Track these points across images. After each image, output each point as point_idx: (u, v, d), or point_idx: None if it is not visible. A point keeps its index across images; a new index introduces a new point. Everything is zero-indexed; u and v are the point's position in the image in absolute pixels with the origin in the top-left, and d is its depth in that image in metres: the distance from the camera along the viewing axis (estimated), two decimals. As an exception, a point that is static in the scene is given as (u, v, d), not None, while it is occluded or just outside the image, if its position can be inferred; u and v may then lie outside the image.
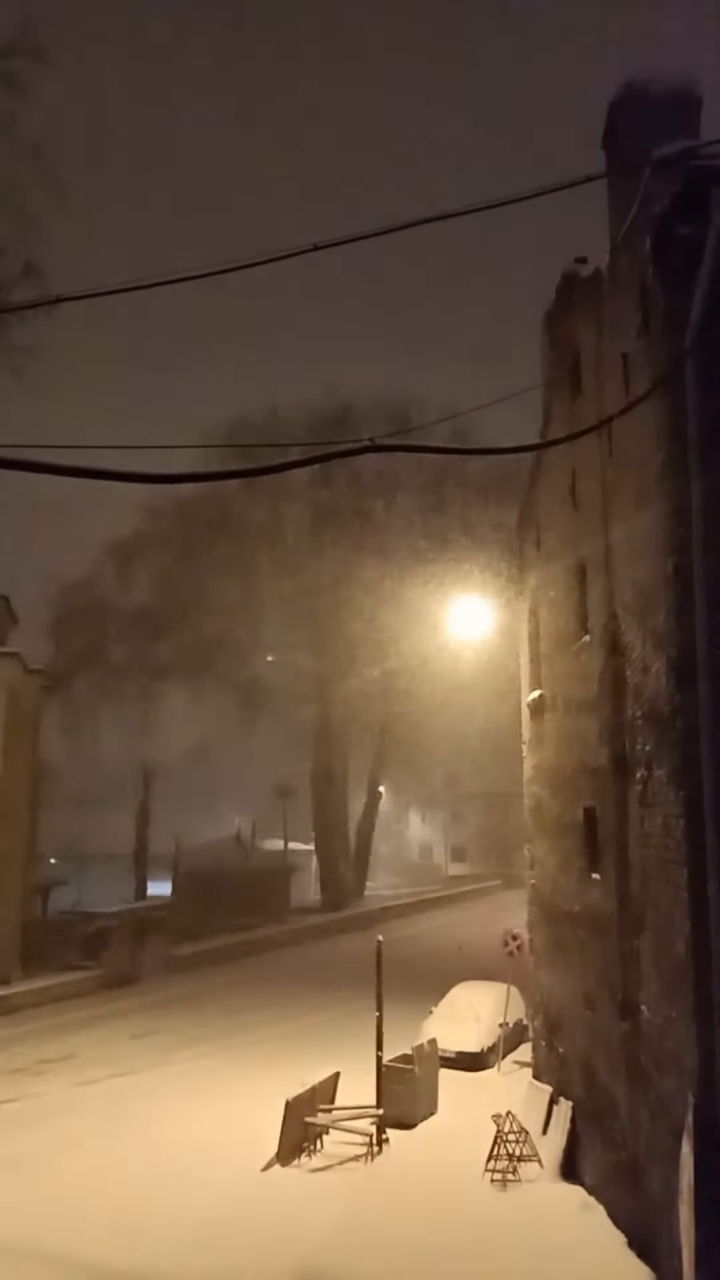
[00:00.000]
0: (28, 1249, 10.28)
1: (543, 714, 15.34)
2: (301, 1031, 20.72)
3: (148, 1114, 15.14)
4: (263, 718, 45.22)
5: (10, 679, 26.26)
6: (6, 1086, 16.89)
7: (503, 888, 52.83)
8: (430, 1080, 15.10)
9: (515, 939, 17.46)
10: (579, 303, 12.97)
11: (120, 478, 5.94)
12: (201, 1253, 10.18)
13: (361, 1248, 10.25)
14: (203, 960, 30.30)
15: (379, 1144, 13.26)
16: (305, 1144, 13.25)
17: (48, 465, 5.47)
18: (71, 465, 5.58)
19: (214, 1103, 15.63)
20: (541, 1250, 10.17)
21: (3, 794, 25.37)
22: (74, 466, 5.59)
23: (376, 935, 15.08)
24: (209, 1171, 12.55)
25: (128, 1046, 19.88)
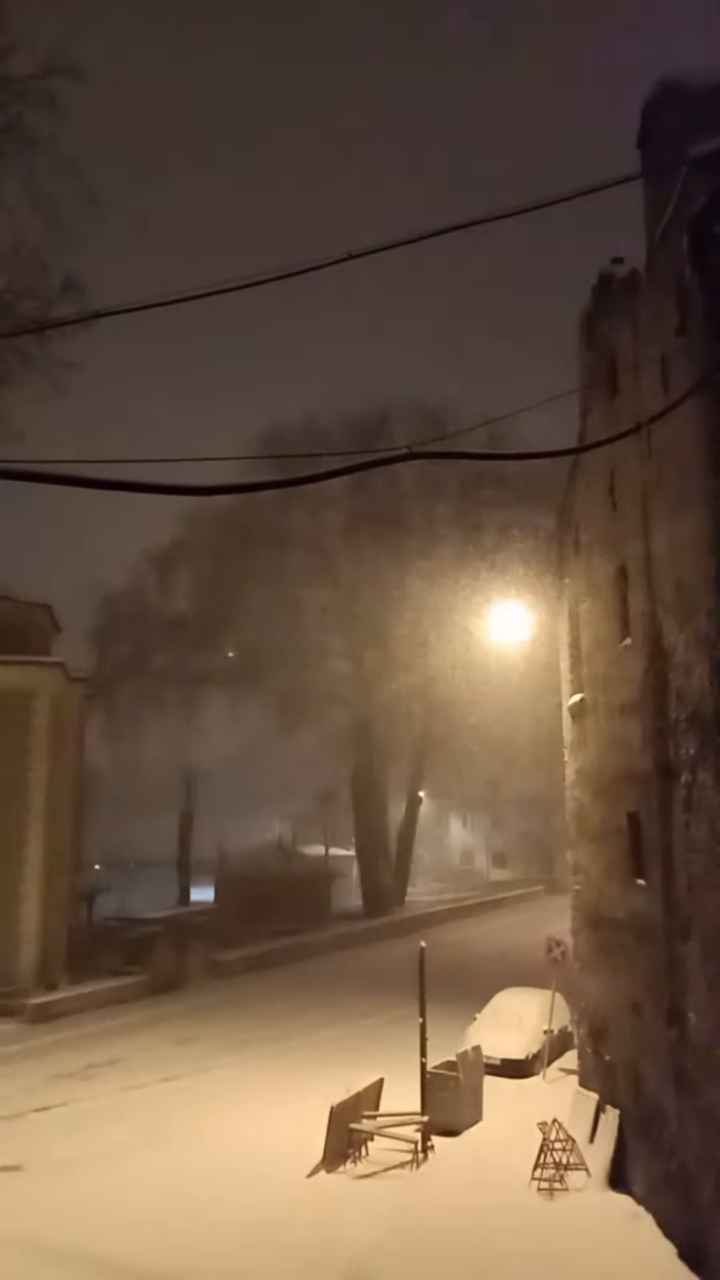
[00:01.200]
0: (77, 1252, 10.39)
1: (584, 717, 15.22)
2: (345, 1037, 20.71)
3: (194, 1119, 15.23)
4: (303, 724, 45.39)
5: (54, 687, 26.62)
6: (55, 1091, 17.10)
7: (545, 893, 52.40)
8: (475, 1087, 15.02)
9: (559, 945, 17.32)
10: (616, 304, 12.90)
11: (159, 490, 6.02)
12: (249, 1258, 10.22)
13: (408, 1255, 10.23)
14: (246, 966, 30.44)
15: (424, 1151, 13.22)
16: (350, 1150, 13.24)
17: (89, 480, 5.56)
18: (112, 479, 5.67)
19: (259, 1108, 15.69)
20: (590, 1260, 10.08)
21: (48, 801, 25.72)
22: (114, 480, 5.67)
23: (418, 941, 15.03)
24: (255, 1177, 12.59)
25: (173, 1052, 20.02)
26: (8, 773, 24.98)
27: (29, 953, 24.50)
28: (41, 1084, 17.58)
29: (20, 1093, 16.97)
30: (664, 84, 10.66)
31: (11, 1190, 12.35)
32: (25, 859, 24.87)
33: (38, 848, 25.10)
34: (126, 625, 43.72)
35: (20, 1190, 12.34)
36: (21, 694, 25.75)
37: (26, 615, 29.57)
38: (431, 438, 32.74)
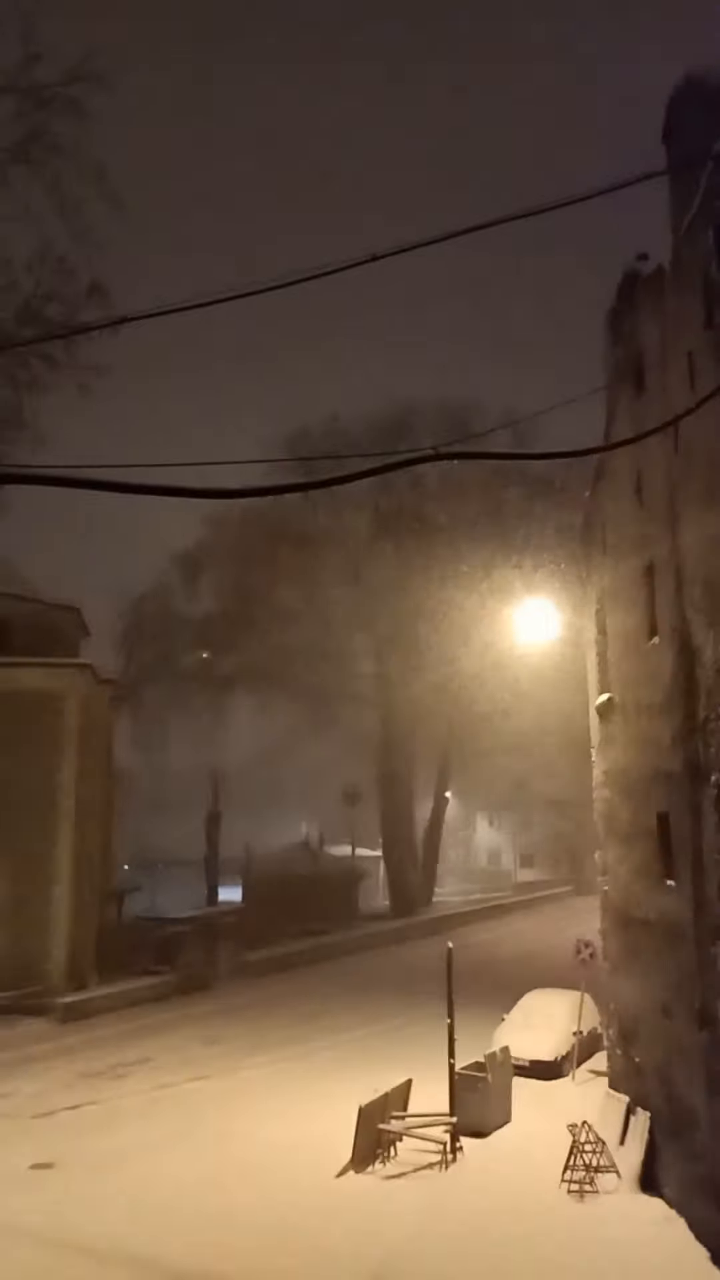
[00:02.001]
0: (109, 1249, 10.49)
1: (612, 717, 15.13)
2: (372, 1038, 20.73)
3: (223, 1118, 15.31)
4: (328, 724, 45.46)
5: (83, 689, 26.83)
6: (86, 1090, 17.25)
7: (573, 894, 52.10)
8: (503, 1088, 14.97)
9: (588, 946, 17.22)
10: (641, 300, 12.82)
11: (185, 494, 6.06)
12: (278, 1257, 10.26)
13: (438, 1256, 10.22)
14: (274, 966, 30.52)
15: (453, 1152, 13.20)
16: (379, 1150, 13.25)
17: (115, 484, 5.61)
18: (138, 483, 5.71)
19: (287, 1108, 15.74)
20: (622, 1263, 10.02)
21: (78, 802, 25.92)
22: (141, 484, 5.72)
23: (445, 942, 15.02)
24: (284, 1176, 12.64)
25: (202, 1051, 20.12)
26: (38, 774, 25.22)
27: (59, 952, 24.70)
28: (72, 1082, 17.75)
29: (52, 1091, 17.14)
30: (689, 78, 10.59)
31: (44, 1187, 12.49)
32: (55, 859, 25.09)
33: (67, 848, 25.30)
34: (153, 627, 44.01)
35: (53, 1187, 12.46)
36: (51, 696, 25.98)
37: (55, 618, 29.83)
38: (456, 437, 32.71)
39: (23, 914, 24.55)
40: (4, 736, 24.99)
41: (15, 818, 24.78)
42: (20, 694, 25.71)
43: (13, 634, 27.90)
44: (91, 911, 27.73)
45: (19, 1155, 13.55)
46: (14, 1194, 12.17)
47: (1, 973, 23.64)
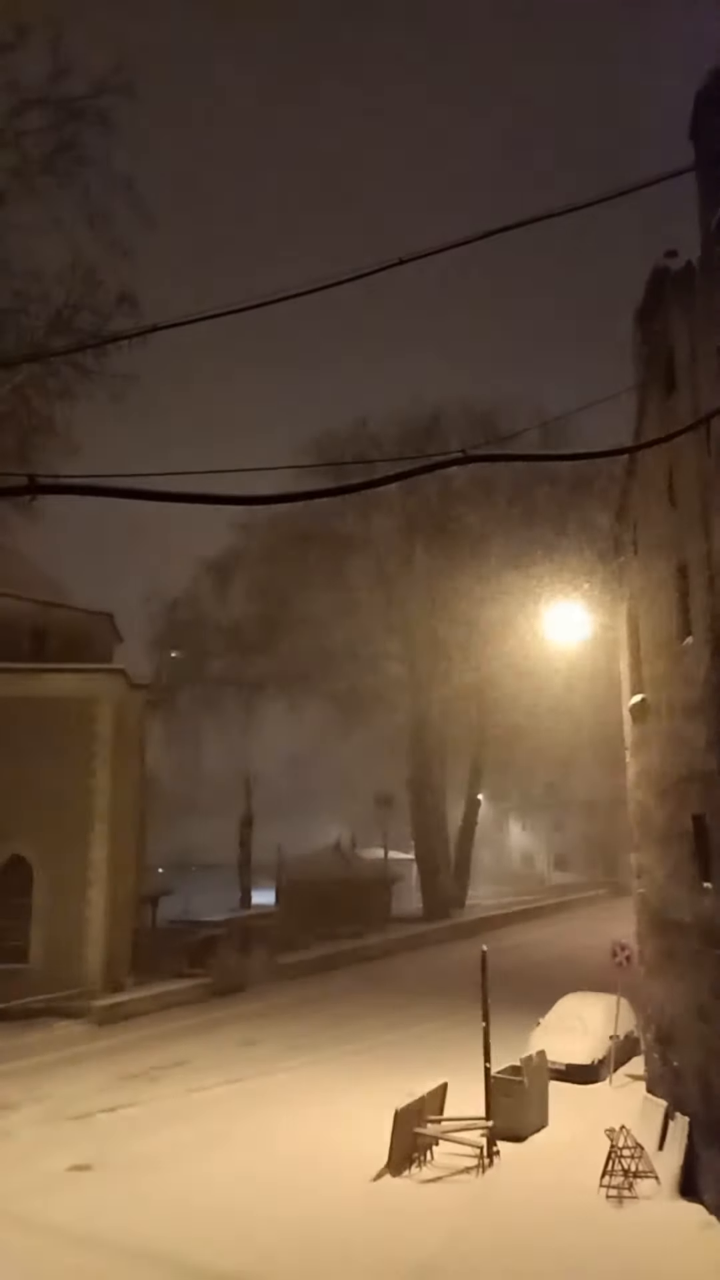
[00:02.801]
0: (146, 1251, 10.55)
1: (645, 718, 15.00)
2: (407, 1041, 20.69)
3: (258, 1121, 15.35)
4: (359, 727, 45.51)
5: (116, 694, 27.08)
6: (123, 1092, 17.38)
7: (608, 896, 51.71)
8: (540, 1092, 14.89)
9: (624, 949, 17.08)
10: (671, 297, 12.72)
11: (216, 500, 6.10)
12: (316, 1260, 10.27)
13: (477, 1261, 10.18)
14: (307, 969, 30.57)
15: (490, 1156, 13.14)
16: (415, 1154, 13.22)
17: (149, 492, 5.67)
18: (171, 491, 5.77)
19: (322, 1111, 15.75)
20: (661, 1269, 9.92)
21: (112, 806, 26.15)
22: (173, 492, 5.77)
23: (479, 945, 14.95)
24: (320, 1180, 12.65)
25: (237, 1054, 20.19)
26: (72, 779, 25.48)
27: (95, 955, 24.92)
28: (109, 1084, 17.89)
29: (89, 1093, 17.28)
30: (716, 75, 10.49)
31: (82, 1189, 12.60)
32: (90, 863, 25.32)
33: (102, 852, 25.53)
34: (185, 632, 44.36)
35: (91, 1189, 12.57)
36: (85, 701, 26.24)
37: (88, 624, 30.12)
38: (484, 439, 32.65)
39: (59, 917, 24.80)
40: (39, 742, 25.28)
41: (51, 822, 25.06)
42: (55, 700, 25.99)
43: (47, 641, 28.24)
44: (126, 915, 27.95)
45: (57, 1157, 13.69)
46: (52, 1195, 12.29)
47: (38, 976, 23.90)
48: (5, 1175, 13.09)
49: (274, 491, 7.73)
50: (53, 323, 23.61)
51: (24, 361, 21.65)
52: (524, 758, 48.28)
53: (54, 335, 23.33)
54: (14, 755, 24.92)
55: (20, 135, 23.02)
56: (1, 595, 27.44)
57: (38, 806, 24.94)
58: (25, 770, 24.93)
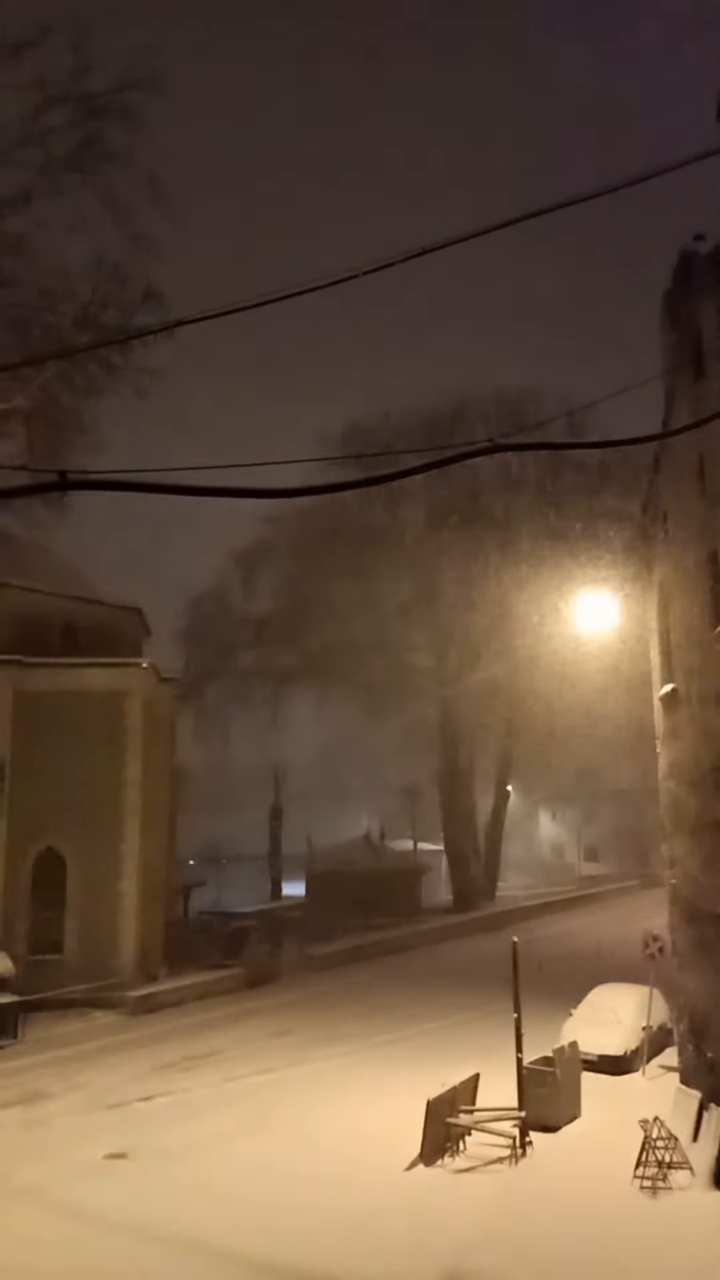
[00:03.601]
0: (181, 1238, 10.67)
1: (676, 708, 14.87)
2: (438, 1032, 20.73)
3: (291, 1111, 15.46)
4: (387, 719, 45.50)
5: (146, 688, 27.29)
6: (158, 1081, 17.56)
7: (640, 888, 51.37)
8: (572, 1083, 14.85)
9: (656, 940, 16.98)
10: (699, 282, 12.56)
11: (243, 494, 6.12)
12: (350, 1249, 10.33)
13: (510, 1251, 10.19)
14: (338, 960, 30.70)
15: (523, 1146, 13.14)
16: (448, 1144, 13.26)
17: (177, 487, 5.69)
18: (198, 485, 5.79)
19: (355, 1101, 15.83)
20: (695, 1260, 9.88)
21: (143, 799, 26.38)
22: (201, 486, 5.79)
23: (510, 936, 14.94)
24: (354, 1169, 12.72)
25: (269, 1044, 20.34)
26: (104, 772, 25.73)
27: (128, 946, 25.19)
28: (144, 1074, 18.09)
29: (125, 1082, 17.49)
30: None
31: (120, 1177, 12.76)
32: (123, 855, 25.58)
33: (134, 844, 25.77)
34: (213, 625, 44.56)
35: (128, 1177, 12.73)
36: (115, 695, 26.48)
37: (118, 619, 30.41)
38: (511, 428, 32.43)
39: (92, 909, 25.09)
40: (71, 736, 25.55)
41: (83, 815, 25.34)
42: (86, 694, 26.25)
43: (78, 636, 28.53)
44: (159, 906, 28.22)
45: (94, 1145, 13.87)
46: (89, 1183, 12.47)
47: (73, 967, 24.21)
48: (43, 1162, 13.30)
49: (300, 484, 7.73)
50: (79, 319, 23.75)
51: (52, 359, 21.80)
52: (553, 748, 48.05)
53: (80, 332, 23.48)
54: (46, 749, 25.21)
55: (45, 133, 23.14)
56: (32, 591, 27.74)
57: (70, 800, 25.23)
58: (57, 764, 25.22)
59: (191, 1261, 10.22)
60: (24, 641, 26.36)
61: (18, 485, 8.35)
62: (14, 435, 23.40)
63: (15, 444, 23.43)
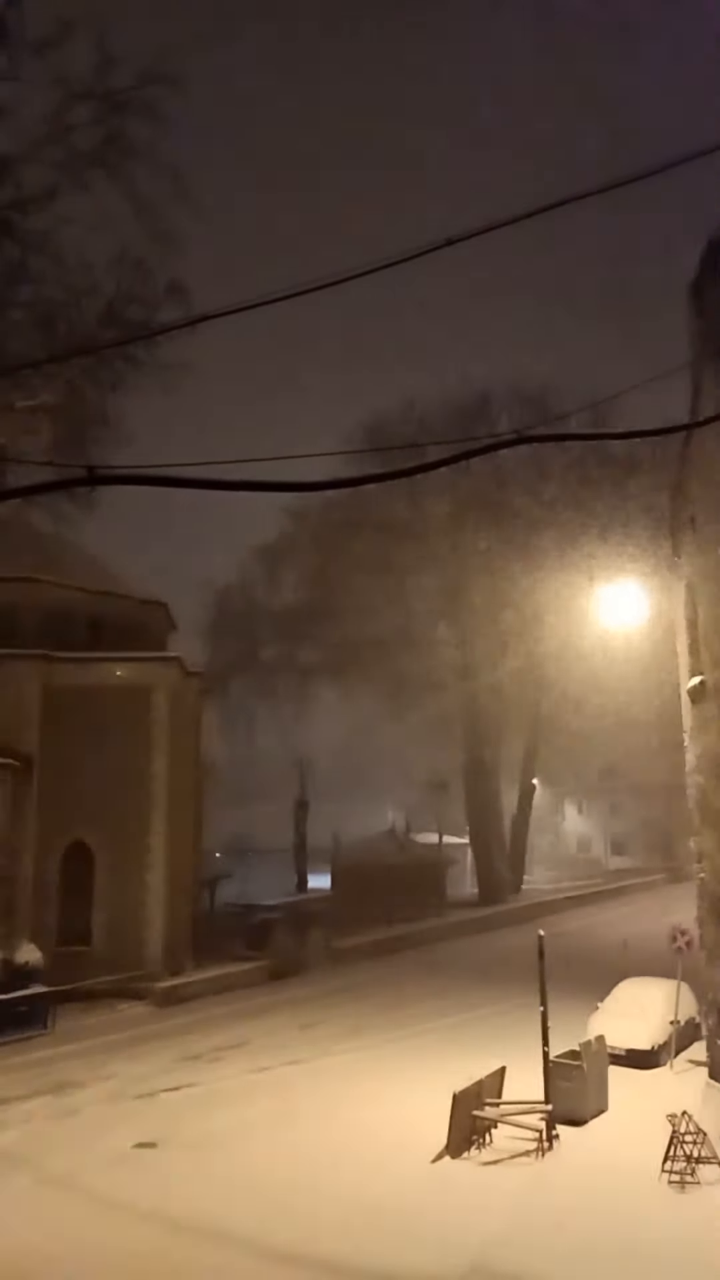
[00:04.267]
0: (209, 1227, 10.75)
1: (704, 701, 14.74)
2: (464, 1025, 20.73)
3: (318, 1102, 15.52)
4: (412, 712, 45.49)
5: (172, 682, 27.45)
6: (185, 1072, 17.69)
7: (667, 881, 51.07)
8: (599, 1077, 14.80)
9: (683, 934, 16.87)
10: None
11: (269, 488, 6.12)
12: (377, 1241, 10.36)
13: (537, 1244, 10.18)
14: (363, 953, 30.77)
15: (549, 1140, 13.12)
16: (474, 1137, 13.26)
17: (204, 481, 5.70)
18: (224, 479, 5.80)
19: (381, 1092, 15.87)
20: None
21: (170, 792, 26.56)
22: (227, 480, 5.81)
23: (535, 930, 14.87)
24: (380, 1160, 12.75)
25: (296, 1035, 20.43)
26: (131, 765, 25.92)
27: (155, 938, 25.39)
28: (172, 1065, 18.23)
29: (153, 1073, 17.64)
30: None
31: (147, 1166, 12.87)
32: (149, 848, 25.77)
33: (160, 836, 25.96)
34: (237, 619, 44.74)
35: (156, 1167, 12.84)
36: (142, 689, 26.66)
37: (144, 613, 30.60)
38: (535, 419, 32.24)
39: (119, 901, 25.31)
40: (99, 730, 25.77)
41: (110, 808, 25.56)
42: (113, 688, 26.46)
43: (104, 630, 28.74)
44: (185, 898, 28.42)
45: (123, 1135, 13.99)
46: (118, 1173, 12.58)
47: (101, 958, 24.44)
48: (73, 1152, 13.44)
49: (324, 478, 7.73)
50: (104, 315, 23.83)
51: (77, 356, 21.90)
52: (579, 741, 47.83)
53: (105, 327, 23.56)
54: (73, 743, 25.45)
55: (69, 130, 23.20)
56: (60, 586, 27.95)
57: (97, 793, 25.45)
58: (85, 758, 25.45)
59: (220, 1250, 10.30)
60: (52, 636, 26.60)
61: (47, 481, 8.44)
62: (40, 431, 23.50)
63: (41, 440, 23.53)
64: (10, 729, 25.04)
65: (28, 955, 22.22)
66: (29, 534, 29.20)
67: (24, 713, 25.45)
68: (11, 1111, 15.49)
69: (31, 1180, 12.45)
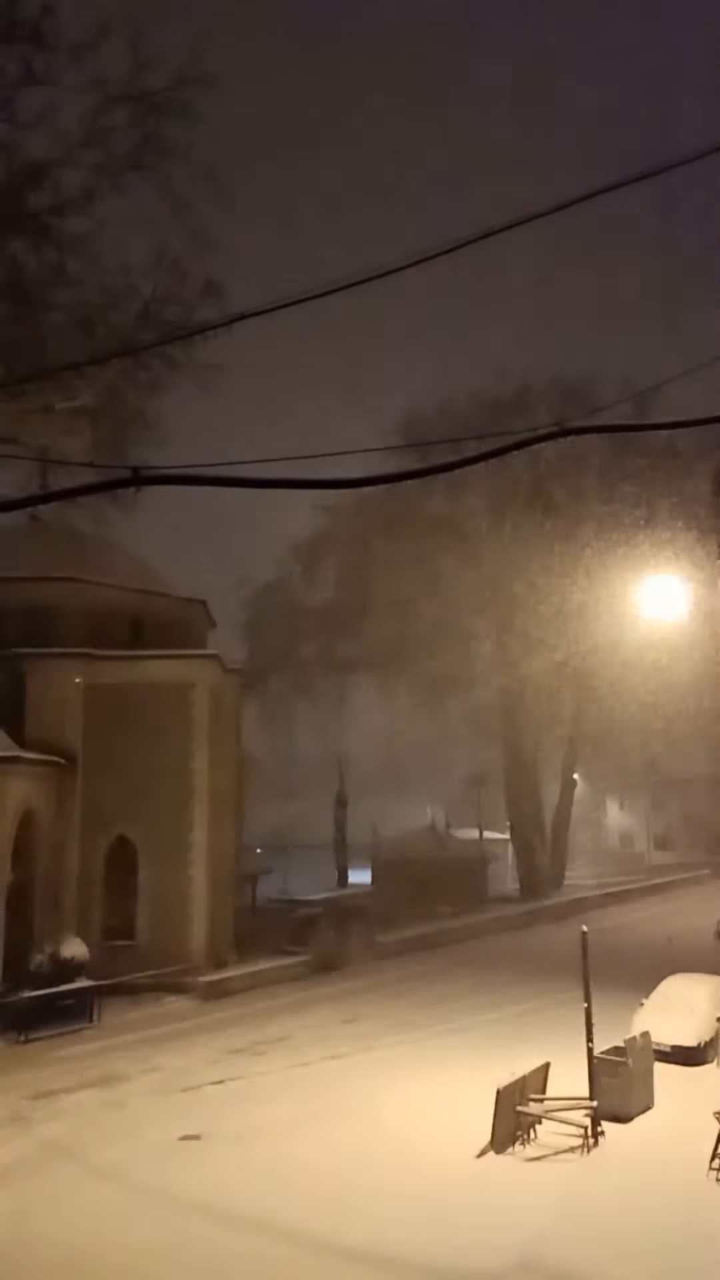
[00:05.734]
0: (254, 1218, 10.86)
1: (749, 694, 14.53)
2: (506, 1020, 20.66)
3: (361, 1097, 15.58)
4: (451, 707, 45.36)
5: (212, 679, 27.64)
6: (229, 1065, 17.86)
7: (711, 877, 50.50)
8: (645, 1073, 14.69)
9: (729, 930, 16.67)
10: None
11: (309, 485, 6.15)
12: (422, 1234, 10.39)
13: (583, 1239, 10.15)
14: (405, 948, 30.77)
15: (594, 1136, 13.05)
16: (519, 1133, 13.23)
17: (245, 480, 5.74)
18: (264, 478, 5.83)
19: (423, 1088, 15.88)
20: (776, 1256, 9.71)
21: (212, 788, 26.75)
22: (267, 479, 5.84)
23: (577, 926, 14.80)
24: (424, 1154, 12.78)
25: (338, 1030, 20.50)
26: (172, 761, 26.16)
27: (198, 933, 25.61)
28: (216, 1058, 18.40)
29: (198, 1066, 17.83)
30: None
31: (193, 1158, 13.03)
32: (191, 843, 25.99)
33: (202, 832, 26.17)
34: (275, 616, 44.91)
35: (202, 1158, 13.00)
36: (182, 686, 26.88)
37: (184, 611, 30.85)
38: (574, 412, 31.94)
39: (163, 896, 25.57)
40: (141, 727, 26.04)
41: (153, 804, 25.82)
42: (154, 686, 26.71)
43: (145, 628, 29.04)
44: (227, 893, 28.62)
45: (168, 1127, 14.18)
46: (165, 1163, 12.76)
47: (145, 952, 24.71)
48: (121, 1143, 13.64)
49: (361, 474, 7.72)
50: (141, 316, 24.03)
51: (115, 357, 22.11)
52: (621, 735, 47.38)
53: (143, 328, 23.75)
54: (116, 740, 25.74)
55: (105, 133, 23.41)
56: (101, 585, 28.28)
57: (140, 789, 25.73)
58: (127, 754, 25.73)
59: (263, 1240, 10.40)
60: (94, 635, 26.92)
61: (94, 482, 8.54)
62: (80, 433, 23.77)
63: (81, 441, 23.81)
64: (54, 727, 25.40)
65: (74, 950, 22.54)
66: (70, 534, 29.57)
67: (68, 711, 25.80)
68: (62, 1103, 15.76)
69: (82, 1170, 12.67)
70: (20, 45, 22.18)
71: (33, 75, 22.58)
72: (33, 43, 22.20)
